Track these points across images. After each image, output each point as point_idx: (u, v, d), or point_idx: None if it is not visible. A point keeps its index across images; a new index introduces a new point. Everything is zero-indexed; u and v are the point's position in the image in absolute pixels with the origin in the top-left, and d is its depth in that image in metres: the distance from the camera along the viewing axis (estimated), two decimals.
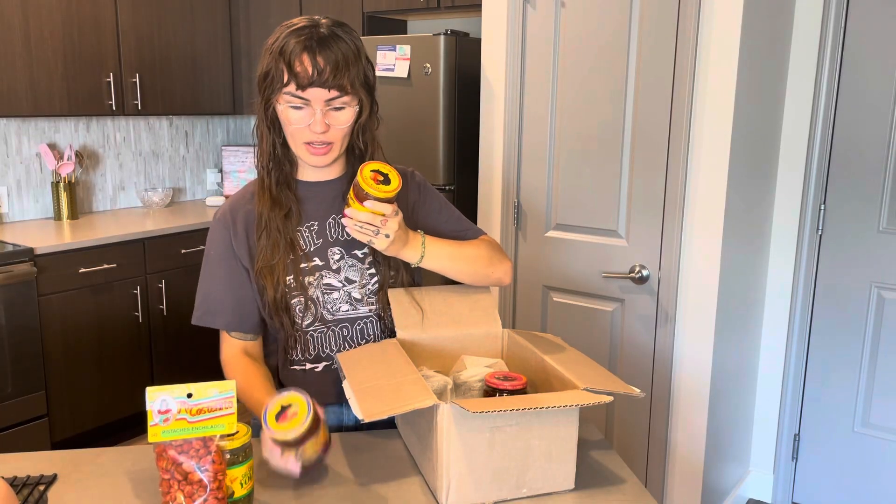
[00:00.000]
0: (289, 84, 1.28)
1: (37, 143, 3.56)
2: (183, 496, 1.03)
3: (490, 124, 2.67)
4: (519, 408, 1.06)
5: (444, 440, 1.10)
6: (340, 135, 1.34)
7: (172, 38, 3.76)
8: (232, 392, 1.05)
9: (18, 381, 2.95)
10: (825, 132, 2.64)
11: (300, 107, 1.29)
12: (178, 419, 1.02)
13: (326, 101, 1.29)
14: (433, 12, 3.40)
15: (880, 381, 2.67)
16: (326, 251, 1.41)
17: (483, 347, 1.42)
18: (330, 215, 1.42)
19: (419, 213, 1.48)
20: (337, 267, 1.41)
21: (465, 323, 1.42)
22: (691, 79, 2.24)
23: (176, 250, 3.50)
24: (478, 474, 1.12)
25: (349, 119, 1.33)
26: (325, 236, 1.41)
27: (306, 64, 1.26)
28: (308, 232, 1.41)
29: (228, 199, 1.45)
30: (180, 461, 1.03)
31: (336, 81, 1.27)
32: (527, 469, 1.15)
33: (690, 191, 2.30)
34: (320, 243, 1.41)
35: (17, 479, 1.20)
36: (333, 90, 1.28)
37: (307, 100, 1.28)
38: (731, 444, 2.72)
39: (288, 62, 1.27)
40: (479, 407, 1.05)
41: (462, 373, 1.31)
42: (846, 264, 2.68)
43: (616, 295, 2.48)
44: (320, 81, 1.27)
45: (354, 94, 1.31)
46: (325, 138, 1.32)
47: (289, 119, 1.31)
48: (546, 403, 1.07)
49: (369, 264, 1.42)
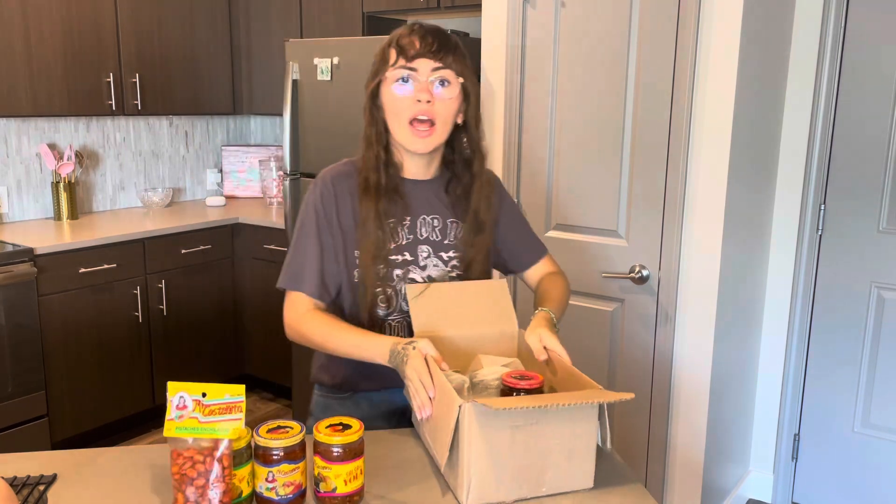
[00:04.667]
0: (398, 59, 1.35)
1: (37, 143, 3.56)
2: (194, 495, 1.05)
3: (490, 124, 2.67)
4: (541, 405, 1.06)
5: (465, 438, 1.10)
6: (443, 113, 1.38)
7: (172, 38, 3.75)
8: (241, 397, 1.08)
9: (18, 381, 2.95)
10: (825, 132, 2.64)
11: (406, 79, 1.36)
12: (191, 417, 1.05)
13: (433, 69, 1.35)
14: (433, 12, 3.40)
15: (880, 381, 2.67)
16: (416, 248, 1.45)
17: (499, 346, 1.42)
18: (421, 214, 1.47)
19: (496, 227, 1.55)
20: (424, 264, 1.46)
21: (481, 322, 1.41)
22: (691, 79, 2.24)
23: (176, 250, 3.50)
24: (499, 473, 1.12)
25: (453, 97, 1.38)
26: (417, 233, 1.46)
27: (415, 40, 1.35)
28: (402, 228, 1.45)
29: (327, 170, 1.48)
30: (193, 461, 1.05)
31: (442, 55, 1.35)
32: (547, 468, 1.15)
33: (690, 191, 2.30)
34: (411, 239, 1.46)
35: (17, 479, 1.20)
36: (439, 61, 1.35)
37: (414, 69, 1.35)
38: (731, 443, 2.72)
39: (399, 44, 1.36)
40: (502, 404, 1.05)
41: (478, 372, 1.30)
42: (846, 264, 2.68)
43: (616, 295, 2.48)
44: (426, 52, 1.34)
45: (459, 74, 1.37)
46: (429, 113, 1.36)
47: (395, 94, 1.37)
48: (568, 401, 1.08)
49: (451, 267, 1.48)
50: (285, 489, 1.11)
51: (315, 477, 1.14)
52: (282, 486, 1.11)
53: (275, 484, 1.10)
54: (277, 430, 1.12)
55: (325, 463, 1.12)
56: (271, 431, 1.11)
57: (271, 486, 1.10)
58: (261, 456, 1.10)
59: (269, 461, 1.10)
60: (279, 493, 1.11)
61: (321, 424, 1.15)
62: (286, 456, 1.10)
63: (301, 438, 1.12)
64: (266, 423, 1.14)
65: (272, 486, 1.10)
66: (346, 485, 1.12)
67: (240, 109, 4.15)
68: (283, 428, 1.12)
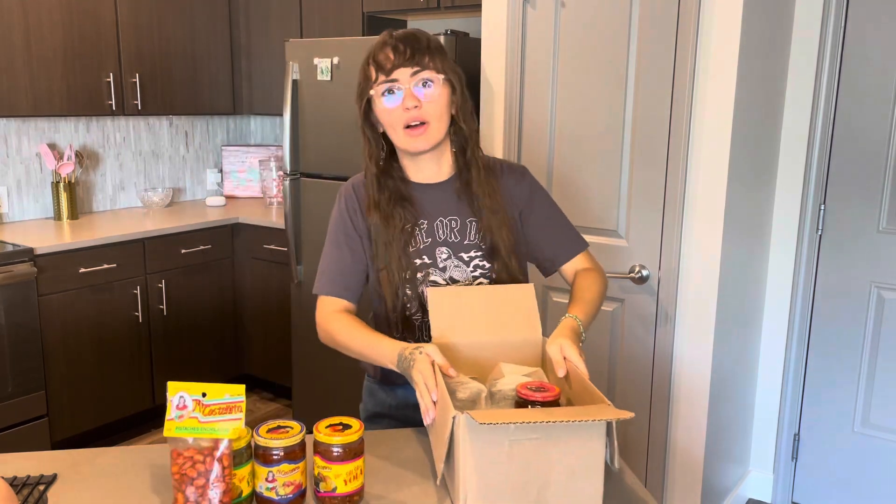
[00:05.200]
0: (378, 77, 1.40)
1: (37, 143, 3.56)
2: (194, 495, 1.05)
3: (490, 124, 2.67)
4: (533, 421, 1.01)
5: (460, 451, 1.08)
6: (434, 112, 1.40)
7: (172, 38, 3.75)
8: (241, 397, 1.08)
9: (18, 381, 2.95)
10: (825, 132, 2.64)
11: (391, 90, 1.39)
12: (191, 417, 1.05)
13: (412, 74, 1.38)
14: (433, 12, 3.40)
15: (880, 381, 2.67)
16: (434, 250, 1.47)
17: (522, 355, 1.36)
18: (437, 217, 1.48)
19: (527, 221, 1.54)
20: (444, 266, 1.47)
21: (504, 329, 1.36)
22: (691, 78, 2.24)
23: (176, 250, 3.50)
24: (495, 487, 1.09)
25: (439, 95, 1.40)
26: (434, 236, 1.47)
27: (389, 53, 1.39)
28: (419, 231, 1.47)
29: (352, 178, 1.54)
30: (193, 461, 1.05)
31: (417, 59, 1.38)
32: (548, 484, 1.10)
33: (690, 191, 2.30)
34: (429, 242, 1.47)
35: (17, 479, 1.21)
36: (415, 66, 1.38)
37: (395, 80, 1.39)
38: (731, 443, 2.72)
39: (375, 61, 1.41)
40: (489, 418, 1.01)
41: (498, 381, 1.26)
42: (846, 264, 2.68)
43: (616, 295, 2.48)
44: (401, 61, 1.38)
45: (439, 70, 1.40)
46: (419, 115, 1.39)
47: (384, 107, 1.41)
48: (564, 418, 1.03)
49: (474, 267, 1.48)
50: (285, 489, 1.11)
51: (315, 477, 1.14)
52: (282, 486, 1.11)
53: (275, 484, 1.10)
54: (277, 430, 1.12)
55: (325, 463, 1.12)
56: (271, 431, 1.12)
57: (271, 485, 1.11)
58: (261, 456, 1.11)
59: (269, 461, 1.10)
60: (279, 493, 1.11)
61: (321, 424, 1.15)
62: (286, 456, 1.10)
63: (301, 438, 1.12)
64: (266, 423, 1.14)
65: (272, 485, 1.11)
66: (346, 485, 1.12)
67: (240, 109, 4.15)
68: (283, 428, 1.12)
